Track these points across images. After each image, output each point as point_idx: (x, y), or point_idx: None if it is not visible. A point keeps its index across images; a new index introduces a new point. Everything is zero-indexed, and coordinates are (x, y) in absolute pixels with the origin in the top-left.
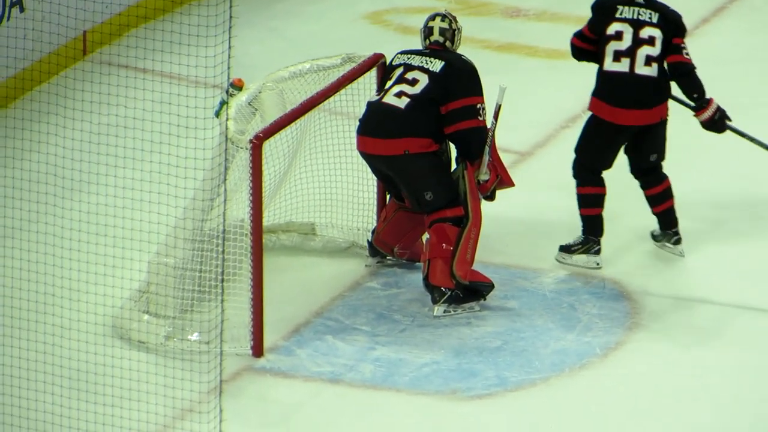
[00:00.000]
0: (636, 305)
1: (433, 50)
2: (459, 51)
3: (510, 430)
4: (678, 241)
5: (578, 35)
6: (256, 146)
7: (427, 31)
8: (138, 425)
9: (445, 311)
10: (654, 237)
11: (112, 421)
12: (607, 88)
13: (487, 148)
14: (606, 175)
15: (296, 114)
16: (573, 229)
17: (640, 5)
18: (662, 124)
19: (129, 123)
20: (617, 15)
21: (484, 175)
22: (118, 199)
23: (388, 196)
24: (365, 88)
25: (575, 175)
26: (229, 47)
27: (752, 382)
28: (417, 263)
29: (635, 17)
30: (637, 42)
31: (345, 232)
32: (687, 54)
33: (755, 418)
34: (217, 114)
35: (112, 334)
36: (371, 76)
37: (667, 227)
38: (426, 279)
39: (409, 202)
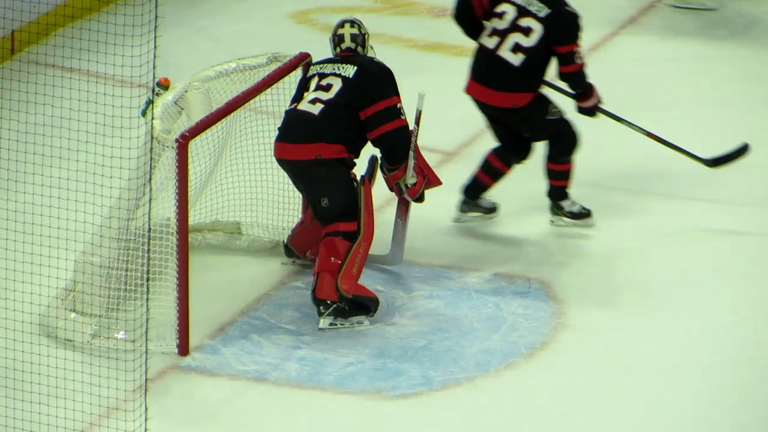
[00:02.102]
0: (562, 305)
1: (344, 56)
2: (370, 54)
3: (434, 429)
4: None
5: None
6: (182, 145)
7: (338, 39)
8: (64, 423)
9: (330, 324)
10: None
11: (39, 418)
12: (474, 61)
13: (411, 152)
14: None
15: (222, 113)
16: (497, 228)
17: None
18: (517, 111)
19: (56, 122)
20: None
21: (412, 179)
22: (45, 198)
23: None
24: (291, 87)
25: None
26: (155, 47)
27: (680, 380)
28: None
29: (524, 4)
30: (514, 27)
31: (270, 231)
32: (578, 58)
33: (683, 416)
34: (144, 113)
35: (38, 332)
36: (297, 75)
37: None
38: (313, 292)
39: (309, 205)
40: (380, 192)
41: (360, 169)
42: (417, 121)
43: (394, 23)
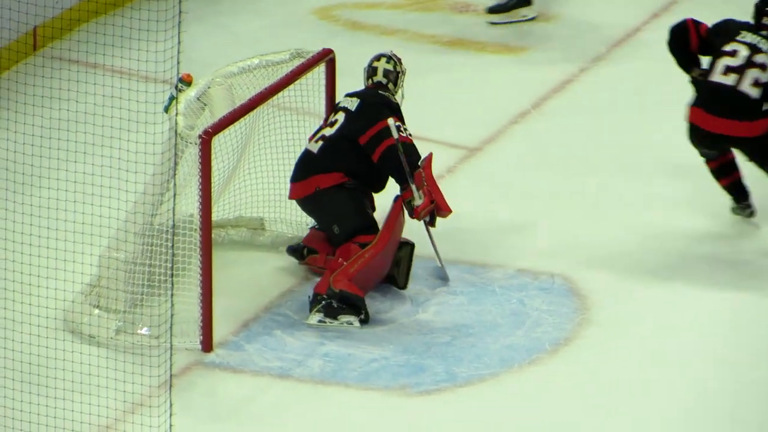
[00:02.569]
0: (585, 301)
1: (358, 92)
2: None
3: (459, 425)
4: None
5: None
6: (205, 141)
7: (371, 71)
8: (89, 419)
9: (319, 321)
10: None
11: (63, 414)
12: (709, 97)
13: (409, 174)
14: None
15: (245, 109)
16: (521, 224)
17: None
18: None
19: (79, 118)
20: (738, 38)
21: (418, 200)
22: (69, 194)
23: None
24: (313, 83)
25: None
26: (179, 42)
27: (705, 376)
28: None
29: (754, 43)
30: (750, 64)
31: (294, 227)
32: None
33: (708, 412)
34: (167, 109)
35: (62, 328)
36: (320, 71)
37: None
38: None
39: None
40: None
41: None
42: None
43: (417, 19)
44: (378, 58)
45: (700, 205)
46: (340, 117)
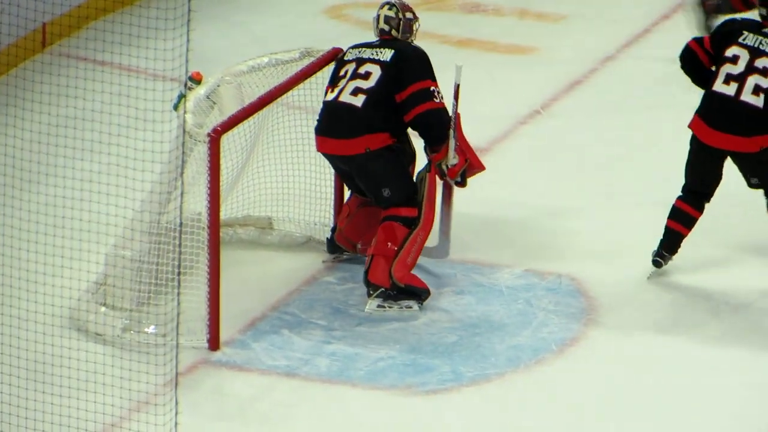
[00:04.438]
0: (592, 301)
1: (383, 40)
2: (416, 43)
3: (465, 425)
4: None
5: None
6: (214, 140)
7: (376, 20)
8: (94, 416)
9: (378, 306)
10: None
11: (68, 412)
12: (709, 109)
13: (452, 132)
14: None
15: (254, 108)
16: (529, 224)
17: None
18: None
19: (87, 115)
20: (740, 39)
21: (453, 159)
22: (76, 192)
23: (348, 193)
24: (323, 82)
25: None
26: (188, 40)
27: (711, 378)
28: None
29: (755, 45)
30: (750, 70)
31: (302, 226)
32: None
33: (714, 415)
34: (176, 107)
35: (69, 326)
36: (329, 70)
37: None
38: (366, 274)
39: (370, 197)
40: None
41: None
42: (456, 96)
43: (427, 19)
44: (381, 5)
45: (710, 206)
46: (373, 69)
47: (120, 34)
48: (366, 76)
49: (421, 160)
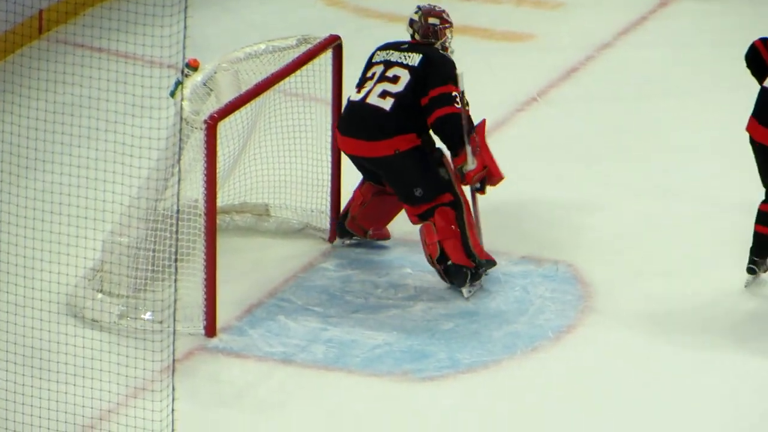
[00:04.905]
0: (589, 289)
1: (411, 44)
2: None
3: (461, 411)
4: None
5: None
6: (211, 126)
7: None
8: (91, 403)
9: (469, 290)
10: None
11: (65, 398)
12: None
13: (466, 137)
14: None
15: (251, 95)
16: (526, 211)
17: None
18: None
19: (84, 102)
20: None
21: (471, 164)
22: (73, 178)
23: (345, 180)
24: (320, 69)
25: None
26: (185, 27)
27: (707, 365)
28: (380, 242)
29: None
30: None
31: (299, 213)
32: None
33: (710, 402)
34: (172, 94)
35: (65, 313)
36: (326, 57)
37: None
38: (444, 260)
39: (398, 196)
40: None
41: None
42: (462, 103)
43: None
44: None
45: (707, 195)
46: (401, 73)
47: (117, 20)
48: (395, 80)
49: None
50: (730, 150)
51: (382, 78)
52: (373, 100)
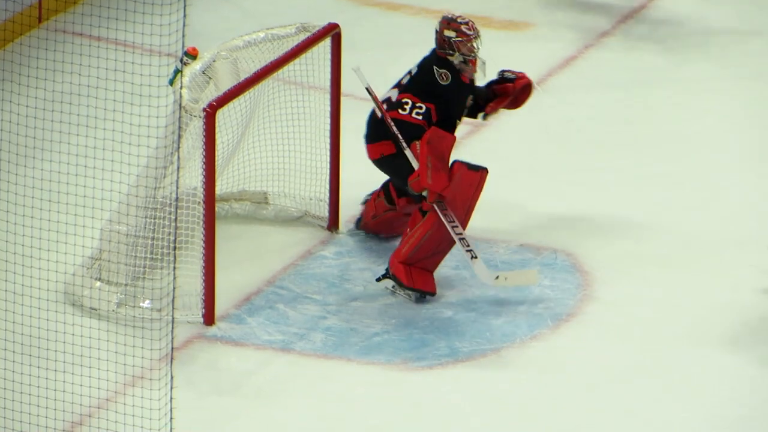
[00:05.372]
0: (588, 277)
1: (431, 53)
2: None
3: (460, 400)
4: None
5: None
6: (210, 115)
7: None
8: (89, 391)
9: (390, 287)
10: None
11: (63, 387)
12: None
13: (402, 143)
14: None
15: (250, 83)
16: (525, 199)
17: None
18: None
19: (83, 91)
20: None
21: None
22: (72, 167)
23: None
24: (319, 57)
25: None
26: (184, 16)
27: (705, 354)
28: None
29: None
30: None
31: (297, 201)
32: None
33: (707, 390)
34: (171, 82)
35: (64, 301)
36: (325, 45)
37: None
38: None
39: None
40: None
41: None
42: (374, 98)
43: None
44: None
45: (707, 183)
46: (405, 80)
47: (116, 9)
48: (398, 86)
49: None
50: (731, 138)
51: (396, 84)
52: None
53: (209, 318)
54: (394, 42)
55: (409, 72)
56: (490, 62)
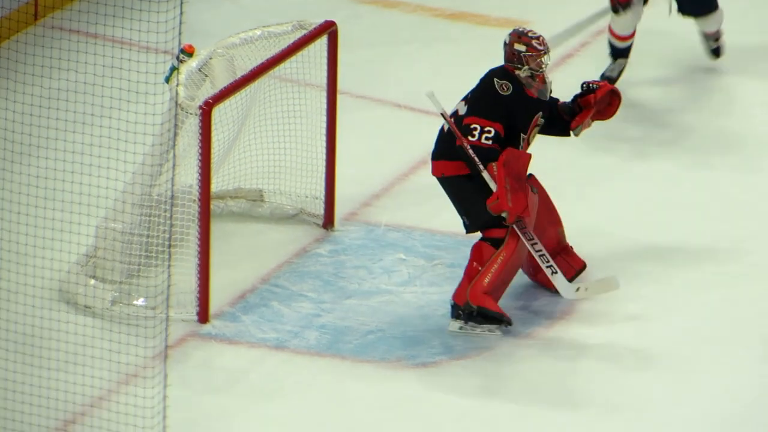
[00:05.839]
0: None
1: (498, 66)
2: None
3: (455, 398)
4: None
5: None
6: (206, 112)
7: None
8: (83, 389)
9: (460, 328)
10: None
11: (57, 385)
12: None
13: (481, 166)
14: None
15: (246, 80)
16: None
17: None
18: None
19: (79, 88)
20: None
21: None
22: (68, 164)
23: None
24: (315, 55)
25: None
26: (181, 13)
27: (698, 350)
28: (377, 227)
29: None
30: None
31: (293, 199)
32: None
33: (701, 386)
34: (168, 80)
35: (58, 299)
36: (322, 43)
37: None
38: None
39: None
40: None
41: None
42: (451, 126)
43: None
44: None
45: (703, 181)
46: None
47: (112, 6)
48: (466, 100)
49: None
50: (723, 137)
51: (463, 99)
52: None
53: (203, 316)
54: (390, 40)
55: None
56: (488, 58)
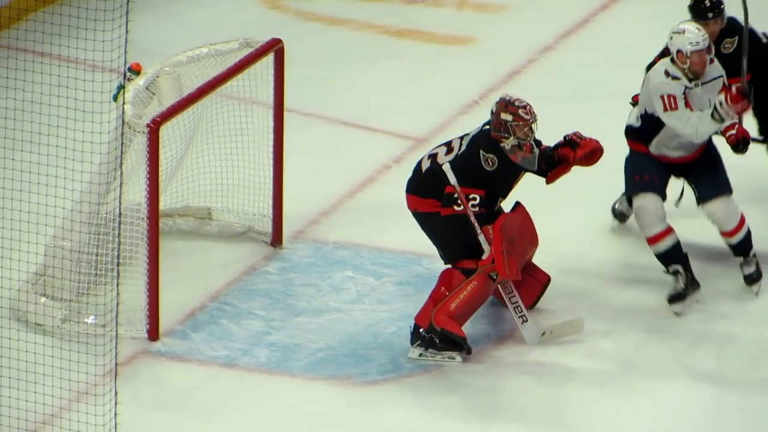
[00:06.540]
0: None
1: (482, 131)
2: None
3: (404, 415)
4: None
5: None
6: (153, 130)
7: None
8: (34, 407)
9: (420, 355)
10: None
11: (8, 402)
12: None
13: (477, 229)
14: None
15: (193, 98)
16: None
17: None
18: None
19: (27, 106)
20: None
21: (485, 255)
22: (16, 182)
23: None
24: (261, 73)
25: None
26: (126, 31)
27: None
28: (324, 245)
29: None
30: None
31: (241, 216)
32: None
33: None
34: (115, 98)
35: (9, 317)
36: (268, 61)
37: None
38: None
39: None
40: None
41: None
42: (463, 203)
43: (366, 9)
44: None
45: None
46: (456, 147)
47: (60, 25)
48: (449, 150)
49: None
50: None
51: (445, 144)
52: (425, 158)
53: (153, 333)
54: (337, 57)
55: (461, 140)
56: (435, 76)
